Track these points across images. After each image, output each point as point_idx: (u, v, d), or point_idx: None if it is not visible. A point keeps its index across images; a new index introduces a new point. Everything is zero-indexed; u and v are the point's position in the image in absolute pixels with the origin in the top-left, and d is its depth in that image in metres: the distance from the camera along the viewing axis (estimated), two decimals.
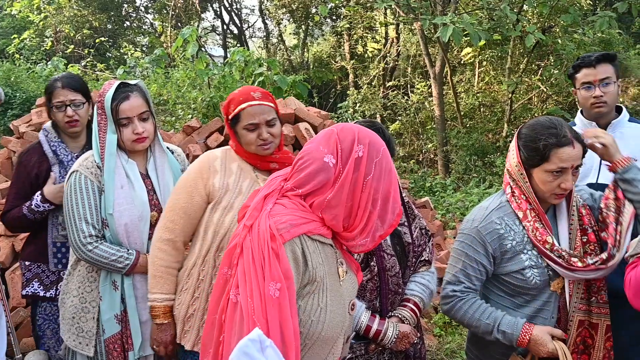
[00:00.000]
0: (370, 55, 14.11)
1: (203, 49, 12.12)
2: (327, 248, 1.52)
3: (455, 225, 5.82)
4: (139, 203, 2.17)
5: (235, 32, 17.44)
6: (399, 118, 11.72)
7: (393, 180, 1.51)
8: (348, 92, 12.64)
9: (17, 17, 12.74)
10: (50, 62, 8.63)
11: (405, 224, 2.14)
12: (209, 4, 16.72)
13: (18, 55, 9.77)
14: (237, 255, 1.44)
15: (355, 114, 11.17)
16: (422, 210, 5.09)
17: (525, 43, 7.55)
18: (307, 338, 1.46)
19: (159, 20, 15.83)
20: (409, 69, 12.66)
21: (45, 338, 2.52)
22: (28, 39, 11.37)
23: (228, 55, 10.65)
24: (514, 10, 8.02)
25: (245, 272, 1.39)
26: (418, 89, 11.90)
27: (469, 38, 6.86)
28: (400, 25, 12.36)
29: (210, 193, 2.04)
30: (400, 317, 2.04)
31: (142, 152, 2.27)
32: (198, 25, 15.58)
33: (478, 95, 10.99)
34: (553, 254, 1.88)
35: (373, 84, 12.80)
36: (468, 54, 10.97)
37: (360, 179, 1.45)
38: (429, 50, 10.05)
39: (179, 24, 14.55)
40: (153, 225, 2.17)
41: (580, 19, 8.37)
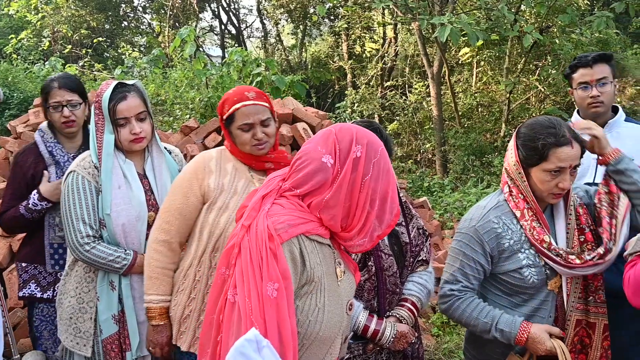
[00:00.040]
0: (368, 55, 14.10)
1: (201, 49, 12.12)
2: (325, 248, 1.52)
3: (453, 225, 5.82)
4: (137, 203, 2.16)
5: (233, 32, 17.42)
6: (397, 118, 11.72)
7: (391, 181, 1.51)
8: (346, 92, 12.63)
9: (14, 17, 12.75)
10: (48, 62, 8.63)
11: (403, 224, 2.14)
12: (207, 4, 16.71)
13: (15, 56, 9.76)
14: (235, 255, 1.44)
15: (353, 114, 11.16)
16: (420, 210, 5.09)
17: (523, 43, 7.57)
18: (304, 338, 1.46)
19: (157, 20, 15.83)
20: (407, 69, 12.65)
21: (43, 339, 2.51)
22: (25, 39, 11.37)
23: (226, 55, 10.63)
24: (512, 11, 8.04)
25: (243, 272, 1.39)
26: (416, 89, 11.90)
27: (467, 38, 6.87)
28: (398, 25, 12.36)
29: (206, 193, 2.04)
30: (398, 316, 2.04)
31: (139, 152, 2.26)
32: (196, 25, 15.56)
33: (476, 95, 10.98)
34: (550, 253, 1.89)
35: (371, 84, 12.79)
36: (466, 54, 10.97)
37: (359, 179, 1.46)
38: (427, 50, 10.04)
39: (177, 24, 14.53)
40: (150, 226, 2.16)
41: (578, 19, 8.39)
